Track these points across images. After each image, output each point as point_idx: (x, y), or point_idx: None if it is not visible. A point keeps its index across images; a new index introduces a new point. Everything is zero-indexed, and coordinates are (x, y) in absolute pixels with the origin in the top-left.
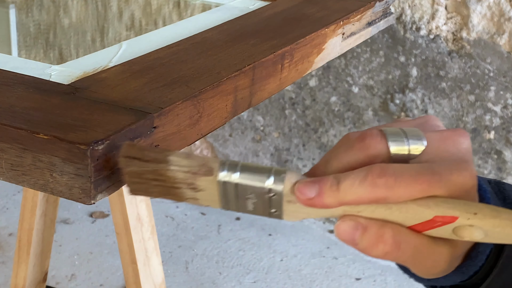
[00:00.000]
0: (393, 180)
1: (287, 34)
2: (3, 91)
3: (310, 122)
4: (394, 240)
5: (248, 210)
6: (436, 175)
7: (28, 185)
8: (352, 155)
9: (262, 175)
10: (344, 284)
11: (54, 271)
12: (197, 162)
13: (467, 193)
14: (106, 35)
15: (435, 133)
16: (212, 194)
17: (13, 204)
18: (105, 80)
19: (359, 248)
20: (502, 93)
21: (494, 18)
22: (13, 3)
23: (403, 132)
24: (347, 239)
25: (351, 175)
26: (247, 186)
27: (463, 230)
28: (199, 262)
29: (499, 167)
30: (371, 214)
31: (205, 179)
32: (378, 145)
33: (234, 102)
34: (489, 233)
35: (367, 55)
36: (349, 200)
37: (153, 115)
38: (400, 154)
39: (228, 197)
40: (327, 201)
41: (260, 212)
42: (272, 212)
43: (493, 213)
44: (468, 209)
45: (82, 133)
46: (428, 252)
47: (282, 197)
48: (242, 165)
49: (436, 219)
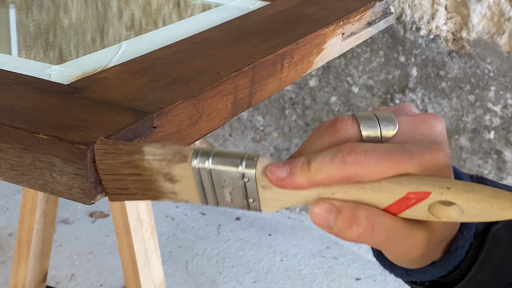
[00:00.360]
0: (363, 156)
1: (287, 34)
2: (3, 91)
3: (310, 122)
4: (368, 221)
5: (226, 201)
6: (408, 152)
7: (28, 185)
8: (324, 139)
9: (234, 159)
10: (344, 284)
11: (54, 271)
12: (171, 150)
13: (441, 172)
14: (106, 35)
15: (408, 117)
16: (190, 185)
17: (13, 204)
18: (105, 80)
19: (334, 232)
20: (502, 93)
21: (494, 18)
22: (13, 3)
23: (375, 116)
24: (321, 222)
25: (321, 154)
26: (221, 171)
27: (439, 210)
28: (199, 262)
29: (499, 167)
30: (345, 195)
31: (179, 166)
32: (349, 129)
33: (234, 102)
34: (465, 210)
35: (367, 55)
36: (320, 179)
37: (153, 115)
38: (372, 137)
39: (204, 187)
40: (298, 181)
41: (239, 203)
42: (250, 202)
43: (466, 187)
44: (441, 184)
45: (82, 133)
46: (403, 235)
47: (256, 182)
48: (215, 152)
49: (409, 196)
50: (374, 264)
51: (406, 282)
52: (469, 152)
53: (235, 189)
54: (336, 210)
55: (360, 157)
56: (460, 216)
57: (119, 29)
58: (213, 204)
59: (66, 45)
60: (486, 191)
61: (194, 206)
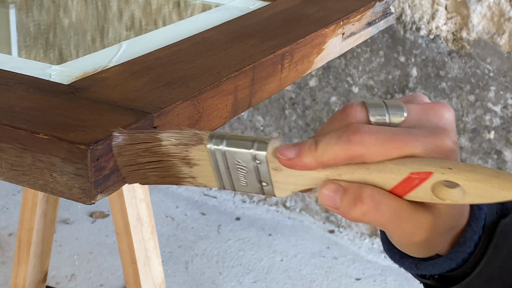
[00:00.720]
0: (368, 136)
1: (287, 34)
2: (3, 91)
3: (310, 122)
4: (373, 199)
5: (241, 185)
6: (413, 135)
7: (28, 185)
8: (334, 124)
9: (247, 142)
10: (344, 284)
11: (54, 271)
12: (187, 134)
13: (446, 156)
14: (106, 35)
15: (417, 105)
16: (207, 169)
17: (13, 204)
18: (105, 80)
19: (340, 211)
20: (502, 93)
21: (494, 18)
22: (13, 3)
23: (384, 103)
24: (329, 202)
25: (328, 135)
26: (234, 152)
27: (442, 191)
28: (199, 262)
29: (499, 167)
30: (351, 176)
31: (196, 149)
32: (358, 114)
33: (234, 102)
34: (467, 190)
35: (367, 55)
36: (327, 159)
37: (153, 115)
38: (381, 123)
39: (220, 170)
40: (306, 160)
41: (253, 187)
42: (264, 186)
43: (468, 168)
44: (443, 165)
45: (82, 133)
46: (407, 215)
47: (267, 164)
48: (229, 135)
49: (412, 176)
50: (374, 264)
51: (415, 276)
52: (469, 152)
53: (248, 172)
54: (343, 190)
55: (365, 137)
56: (463, 198)
57: (119, 29)
58: (230, 188)
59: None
60: (487, 171)
61: (194, 206)
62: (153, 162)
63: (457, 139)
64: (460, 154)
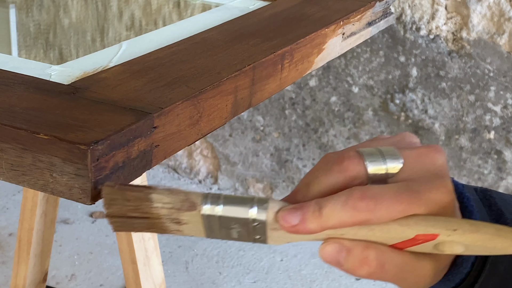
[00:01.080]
0: (374, 202)
1: (287, 34)
2: (3, 91)
3: (310, 122)
4: (378, 261)
5: (233, 237)
6: (415, 194)
7: (28, 185)
8: (331, 178)
9: (244, 206)
10: (344, 284)
11: (54, 271)
12: (179, 198)
13: (445, 209)
14: (106, 35)
15: (411, 151)
16: (197, 226)
17: (13, 204)
18: (105, 80)
19: (344, 269)
20: (502, 93)
21: (494, 18)
22: (13, 3)
23: (379, 152)
24: (332, 261)
25: (332, 200)
26: (231, 218)
27: (444, 245)
28: (199, 262)
29: (499, 167)
30: (354, 236)
31: (188, 214)
32: (356, 167)
33: (234, 102)
34: (469, 247)
35: (367, 55)
36: (332, 225)
37: (153, 115)
38: (378, 174)
39: (212, 228)
40: (310, 227)
41: (245, 239)
42: (257, 238)
43: (472, 228)
44: (448, 226)
45: (82, 133)
46: (411, 268)
47: (266, 226)
48: (225, 197)
49: (417, 238)
50: None
51: None
52: (469, 152)
53: (243, 229)
54: (346, 250)
55: (371, 204)
56: (464, 252)
57: (119, 29)
58: (218, 238)
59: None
60: (490, 230)
61: None
62: (141, 218)
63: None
64: (460, 154)
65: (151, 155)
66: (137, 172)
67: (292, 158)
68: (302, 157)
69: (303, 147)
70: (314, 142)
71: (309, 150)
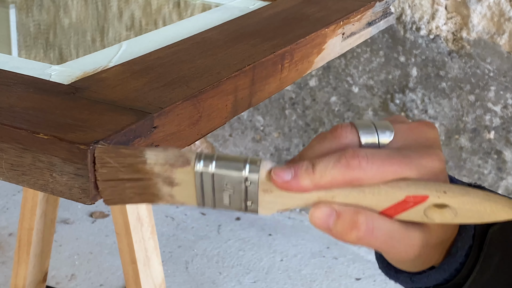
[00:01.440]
0: (366, 161)
1: (287, 34)
2: (3, 91)
3: (310, 122)
4: (367, 226)
5: (224, 204)
6: (407, 158)
7: (28, 185)
8: (325, 144)
9: (238, 164)
10: (344, 284)
11: (54, 271)
12: (173, 154)
13: (437, 176)
14: (106, 35)
15: (403, 124)
16: (189, 189)
17: (13, 204)
18: (105, 80)
19: (333, 234)
20: (502, 93)
21: (494, 18)
22: (13, 3)
23: (373, 124)
24: (321, 225)
25: (325, 158)
26: (224, 175)
27: (433, 212)
28: (199, 262)
29: (499, 167)
30: (345, 198)
31: (182, 171)
32: (349, 135)
33: (234, 102)
34: (459, 212)
35: (367, 55)
36: (324, 182)
37: (153, 115)
38: (370, 143)
39: (204, 190)
40: (303, 183)
41: (237, 205)
42: (248, 205)
43: (462, 191)
44: (438, 188)
45: (82, 133)
46: (400, 236)
47: (258, 186)
48: (218, 156)
49: (407, 200)
50: (374, 264)
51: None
52: (469, 152)
53: (235, 192)
54: (336, 214)
55: (363, 162)
56: (454, 218)
57: (119, 29)
58: (210, 207)
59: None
60: (479, 194)
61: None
62: (133, 180)
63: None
64: (460, 154)
65: None
66: None
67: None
68: None
69: (303, 147)
70: None
71: None
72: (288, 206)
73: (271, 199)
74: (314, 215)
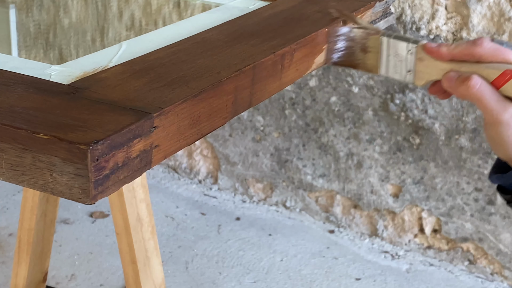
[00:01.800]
0: (487, 44)
1: (287, 34)
2: (3, 91)
3: (310, 122)
4: (476, 80)
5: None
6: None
7: (28, 185)
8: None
9: (406, 39)
10: (344, 284)
11: (54, 271)
12: (370, 26)
13: None
14: (106, 35)
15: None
16: (375, 56)
17: (13, 204)
18: (105, 80)
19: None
20: None
21: (494, 18)
22: (13, 3)
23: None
24: (448, 81)
25: (460, 41)
26: (397, 43)
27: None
28: (199, 262)
29: None
30: (467, 69)
31: (374, 38)
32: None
33: (234, 102)
34: None
35: None
36: (456, 52)
37: (153, 115)
38: None
39: (382, 57)
40: (442, 50)
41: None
42: (408, 74)
43: None
44: None
45: (82, 133)
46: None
47: (415, 54)
48: (394, 34)
49: (506, 72)
50: (374, 264)
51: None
52: (469, 152)
53: (401, 60)
54: (459, 74)
55: (485, 42)
56: None
57: (119, 29)
58: (384, 73)
59: (66, 45)
60: None
61: (194, 206)
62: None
63: None
64: (460, 154)
65: (151, 155)
66: (137, 172)
67: (292, 158)
68: (302, 157)
69: (303, 147)
70: (314, 142)
71: (309, 150)
72: (432, 76)
73: (422, 68)
74: (446, 75)
